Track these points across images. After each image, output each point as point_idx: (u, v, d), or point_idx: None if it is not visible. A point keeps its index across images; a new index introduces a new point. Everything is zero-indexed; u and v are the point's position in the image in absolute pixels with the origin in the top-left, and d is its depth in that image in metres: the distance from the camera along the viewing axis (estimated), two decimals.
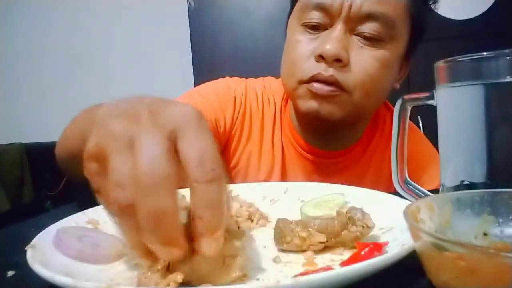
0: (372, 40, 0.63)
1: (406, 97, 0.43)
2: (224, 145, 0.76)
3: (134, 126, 0.27)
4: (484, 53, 0.35)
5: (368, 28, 0.62)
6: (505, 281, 0.21)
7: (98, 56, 2.32)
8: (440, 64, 0.39)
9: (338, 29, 0.62)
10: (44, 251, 0.34)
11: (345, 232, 0.36)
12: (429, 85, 0.41)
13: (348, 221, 0.37)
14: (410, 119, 0.44)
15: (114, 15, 2.30)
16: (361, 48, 0.63)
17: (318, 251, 0.36)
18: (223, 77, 0.82)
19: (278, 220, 0.38)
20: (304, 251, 0.36)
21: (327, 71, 0.62)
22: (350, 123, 0.71)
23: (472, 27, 1.81)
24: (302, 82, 0.65)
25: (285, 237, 0.36)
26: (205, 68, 1.91)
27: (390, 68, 0.66)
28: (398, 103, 0.43)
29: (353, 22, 0.62)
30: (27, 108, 2.38)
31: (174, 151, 0.27)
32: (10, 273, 0.34)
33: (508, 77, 0.34)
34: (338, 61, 0.62)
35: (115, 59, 2.31)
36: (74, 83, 2.33)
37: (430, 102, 0.41)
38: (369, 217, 0.37)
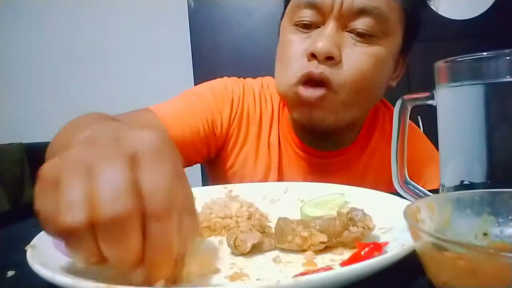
0: (365, 36, 0.62)
1: (406, 97, 0.43)
2: (221, 146, 0.76)
3: (93, 152, 0.26)
4: (484, 53, 0.35)
5: (361, 24, 0.61)
6: (505, 281, 0.21)
7: (98, 56, 2.32)
8: (440, 64, 0.39)
9: (330, 26, 0.62)
10: (44, 251, 0.34)
11: (346, 233, 0.36)
12: (429, 85, 0.41)
13: (348, 222, 0.37)
14: (410, 119, 0.44)
15: (114, 15, 2.30)
16: (353, 45, 0.62)
17: (318, 251, 0.36)
18: (223, 77, 0.81)
19: (279, 219, 0.38)
20: (304, 250, 0.36)
21: (318, 69, 0.61)
22: (346, 125, 0.69)
23: (472, 27, 1.81)
24: (293, 84, 0.63)
25: (286, 236, 0.36)
26: (205, 68, 1.90)
27: (383, 64, 0.65)
28: (398, 103, 0.43)
29: (345, 19, 0.62)
30: (27, 108, 2.38)
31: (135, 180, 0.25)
32: (10, 273, 0.34)
33: (508, 77, 0.34)
34: (330, 59, 0.61)
35: (115, 59, 2.31)
36: (74, 83, 2.32)
37: (430, 102, 0.41)
38: (370, 218, 0.37)
